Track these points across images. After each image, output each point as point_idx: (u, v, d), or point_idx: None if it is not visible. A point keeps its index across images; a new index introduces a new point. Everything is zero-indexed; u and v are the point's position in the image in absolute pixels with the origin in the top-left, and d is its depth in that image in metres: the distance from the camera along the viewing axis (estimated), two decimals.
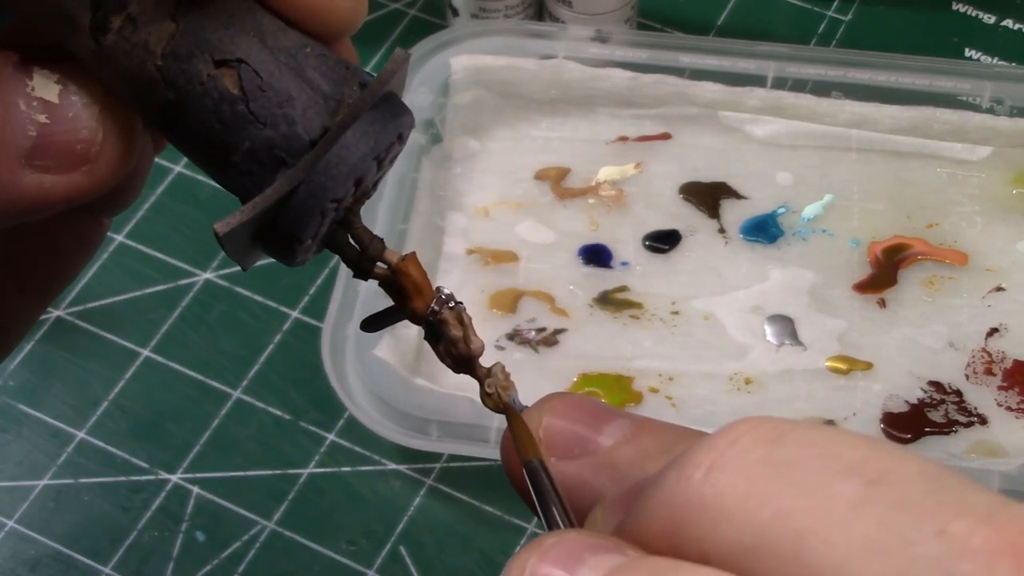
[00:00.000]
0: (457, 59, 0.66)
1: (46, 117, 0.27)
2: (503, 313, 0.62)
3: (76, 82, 0.27)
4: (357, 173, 0.28)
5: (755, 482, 0.21)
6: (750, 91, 0.66)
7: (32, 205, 0.27)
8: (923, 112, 0.65)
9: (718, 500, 0.21)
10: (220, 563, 0.57)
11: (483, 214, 0.65)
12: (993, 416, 0.59)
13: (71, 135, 0.27)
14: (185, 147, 0.28)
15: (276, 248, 0.29)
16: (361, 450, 0.60)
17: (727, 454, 0.22)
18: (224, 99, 0.27)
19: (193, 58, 0.27)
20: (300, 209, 0.28)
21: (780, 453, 0.21)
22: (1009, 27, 0.74)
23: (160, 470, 0.60)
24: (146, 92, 0.27)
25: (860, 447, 0.21)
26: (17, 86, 0.27)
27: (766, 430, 0.22)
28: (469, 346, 0.31)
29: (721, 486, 0.21)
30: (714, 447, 0.22)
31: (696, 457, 0.22)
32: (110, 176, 0.28)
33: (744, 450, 0.22)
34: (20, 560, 0.58)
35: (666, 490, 0.22)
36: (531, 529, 0.58)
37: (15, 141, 0.27)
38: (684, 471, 0.22)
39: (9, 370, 0.63)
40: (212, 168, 0.28)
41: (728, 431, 0.22)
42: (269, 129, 0.28)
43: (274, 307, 0.64)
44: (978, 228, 0.64)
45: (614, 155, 0.67)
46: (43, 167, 0.27)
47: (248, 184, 0.28)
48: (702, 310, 0.62)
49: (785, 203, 0.65)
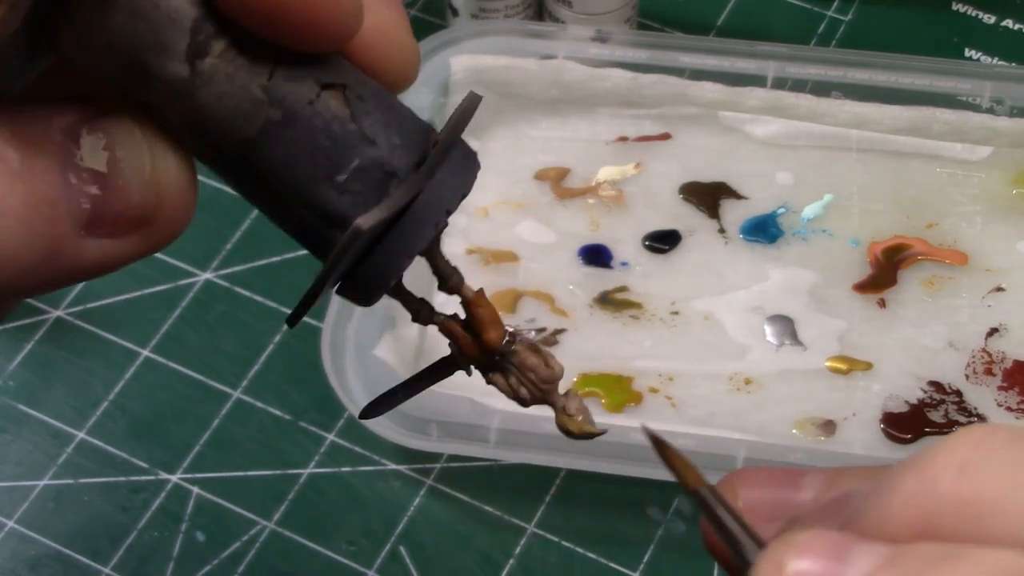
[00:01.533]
0: (457, 59, 0.66)
1: (97, 188, 0.26)
2: (503, 313, 0.61)
3: (124, 146, 0.27)
4: (448, 205, 0.29)
5: (1013, 478, 0.22)
6: (750, 91, 0.66)
7: (96, 269, 0.27)
8: (923, 112, 0.65)
9: (979, 495, 0.22)
10: (220, 563, 0.58)
11: (483, 214, 0.65)
12: (993, 416, 0.59)
13: (124, 203, 0.27)
14: (271, 176, 0.28)
15: (362, 284, 0.29)
16: (361, 450, 0.60)
17: (976, 453, 0.22)
18: (336, 117, 0.28)
19: (302, 80, 0.28)
20: (409, 227, 0.28)
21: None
22: (1009, 27, 0.74)
23: (160, 470, 0.60)
24: (242, 117, 0.27)
25: None
26: (66, 158, 0.26)
27: (1007, 433, 0.23)
28: (553, 370, 0.31)
29: (979, 482, 0.22)
30: (956, 449, 0.23)
31: (938, 458, 0.23)
32: (169, 235, 0.28)
33: (994, 448, 0.22)
34: (20, 560, 0.58)
35: (908, 492, 0.23)
36: (531, 529, 0.58)
37: (71, 216, 0.26)
38: (926, 472, 0.23)
39: (9, 370, 0.63)
40: (302, 195, 0.28)
41: (965, 435, 0.23)
42: (380, 148, 0.28)
43: (274, 307, 0.64)
44: (978, 228, 0.64)
45: (614, 155, 0.67)
46: (103, 234, 0.27)
47: (348, 204, 0.28)
48: (702, 310, 0.62)
49: (785, 203, 0.65)
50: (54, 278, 0.27)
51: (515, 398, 0.31)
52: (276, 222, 0.29)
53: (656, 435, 0.29)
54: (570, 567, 0.57)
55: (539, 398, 0.31)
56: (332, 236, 0.28)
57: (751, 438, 0.56)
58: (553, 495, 0.59)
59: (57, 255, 0.26)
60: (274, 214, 0.29)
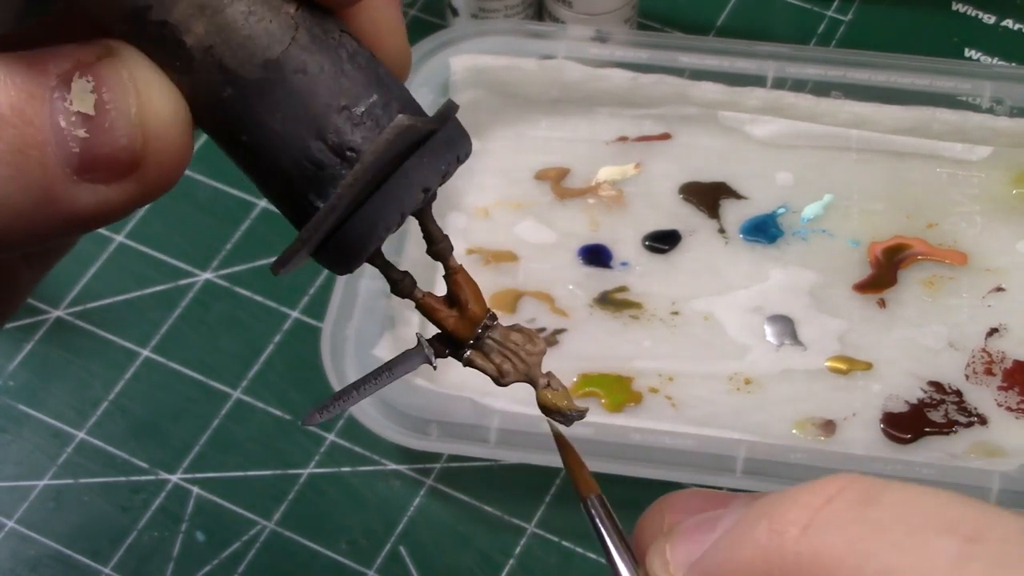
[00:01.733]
0: (457, 59, 0.66)
1: (86, 131, 0.27)
2: (503, 313, 0.62)
3: (111, 87, 0.27)
4: (444, 167, 0.29)
5: (855, 541, 0.22)
6: (750, 91, 0.66)
7: (93, 216, 0.28)
8: (923, 112, 0.65)
9: (817, 558, 0.22)
10: (220, 563, 0.58)
11: (483, 214, 0.65)
12: (993, 416, 0.59)
13: (111, 145, 0.27)
14: (286, 103, 0.28)
15: (339, 250, 0.29)
16: (361, 450, 0.60)
17: (823, 513, 0.22)
18: (359, 53, 0.29)
19: (325, 20, 0.28)
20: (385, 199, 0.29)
21: (876, 512, 0.22)
22: (1009, 27, 0.74)
23: (160, 470, 0.60)
24: (269, 36, 0.28)
25: (955, 505, 0.22)
26: (57, 102, 0.27)
27: (860, 489, 0.22)
28: (536, 343, 0.31)
29: (820, 545, 0.22)
30: (808, 504, 0.22)
31: (789, 513, 0.22)
32: (162, 180, 0.28)
33: (840, 509, 0.22)
34: (20, 560, 0.58)
35: (758, 544, 0.23)
36: (531, 529, 0.58)
37: (61, 159, 0.27)
38: (776, 525, 0.22)
39: (9, 370, 0.63)
40: (316, 123, 0.28)
41: (820, 488, 0.23)
42: (393, 93, 0.29)
43: (274, 307, 0.64)
44: (978, 228, 0.64)
45: (614, 155, 0.67)
46: (95, 179, 0.27)
47: (360, 137, 0.28)
48: (702, 310, 0.62)
49: (785, 203, 0.65)
50: (52, 225, 0.27)
51: (497, 374, 0.31)
52: (269, 168, 0.29)
53: (561, 436, 0.30)
54: (570, 567, 0.57)
55: (522, 373, 0.31)
56: (335, 173, 0.28)
57: (751, 438, 0.56)
58: (553, 495, 0.59)
59: (50, 200, 0.27)
60: (273, 154, 0.28)
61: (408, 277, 0.31)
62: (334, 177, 0.28)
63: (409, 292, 0.31)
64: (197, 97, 0.28)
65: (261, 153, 0.28)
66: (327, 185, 0.28)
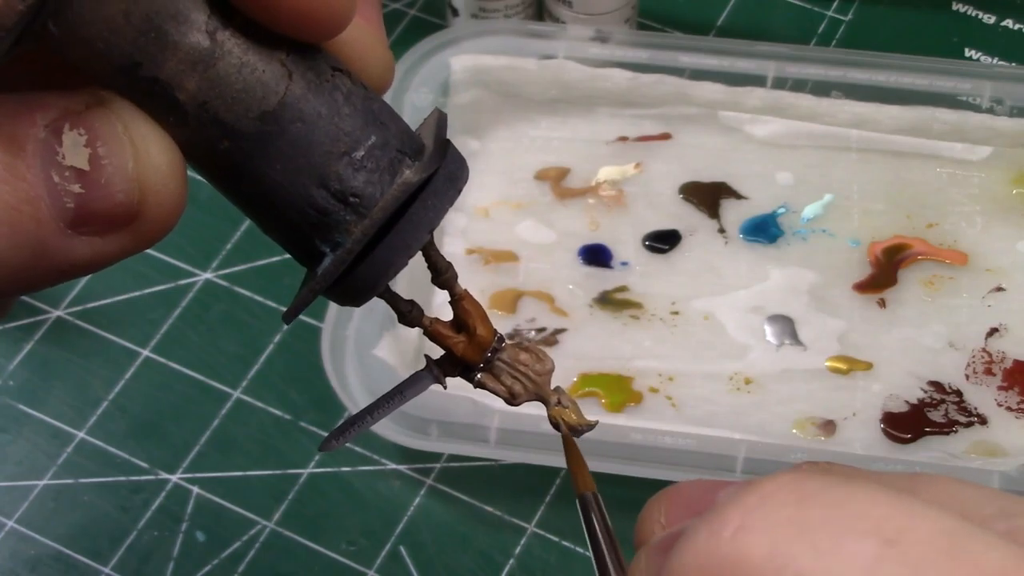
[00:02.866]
0: (457, 59, 0.66)
1: (80, 186, 0.26)
2: (503, 313, 0.62)
3: (106, 142, 0.26)
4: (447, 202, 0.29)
5: (778, 543, 0.21)
6: (750, 91, 0.66)
7: (88, 267, 0.27)
8: (923, 112, 0.65)
9: (743, 560, 0.22)
10: (220, 563, 0.58)
11: (483, 214, 0.65)
12: (993, 416, 0.59)
13: (108, 201, 0.26)
14: (286, 152, 0.28)
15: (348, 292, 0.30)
16: (361, 450, 0.60)
17: (755, 513, 0.22)
18: (354, 93, 0.28)
19: (315, 60, 0.28)
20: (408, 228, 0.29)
21: (805, 513, 0.22)
22: (1009, 27, 0.74)
23: (160, 470, 0.60)
24: (263, 87, 0.27)
25: (882, 504, 0.21)
26: (48, 156, 0.26)
27: (794, 488, 0.22)
28: (545, 362, 0.31)
29: (747, 546, 0.22)
30: (743, 504, 0.22)
31: (726, 513, 0.22)
32: (158, 231, 0.28)
33: (771, 509, 0.22)
34: (20, 560, 0.58)
35: (698, 545, 0.22)
36: (531, 529, 0.58)
37: (55, 215, 0.26)
38: (714, 526, 0.22)
39: (9, 370, 0.63)
40: (317, 171, 0.28)
41: (759, 486, 0.22)
42: (390, 130, 0.28)
43: (274, 307, 0.64)
44: (978, 228, 0.64)
45: (614, 155, 0.67)
46: (90, 232, 0.27)
47: (363, 181, 0.28)
48: (702, 310, 0.62)
49: (785, 203, 0.65)
50: (45, 277, 0.27)
51: (508, 395, 0.31)
52: (272, 215, 0.28)
53: (568, 433, 0.31)
54: (570, 567, 0.57)
55: (532, 392, 0.31)
56: (340, 219, 0.28)
57: (751, 438, 0.56)
58: (553, 495, 0.59)
59: (45, 255, 0.26)
60: (276, 202, 0.28)
61: (416, 307, 0.31)
62: (339, 223, 0.28)
63: (418, 322, 0.31)
64: (194, 148, 0.28)
65: (263, 202, 0.28)
66: (332, 231, 0.28)
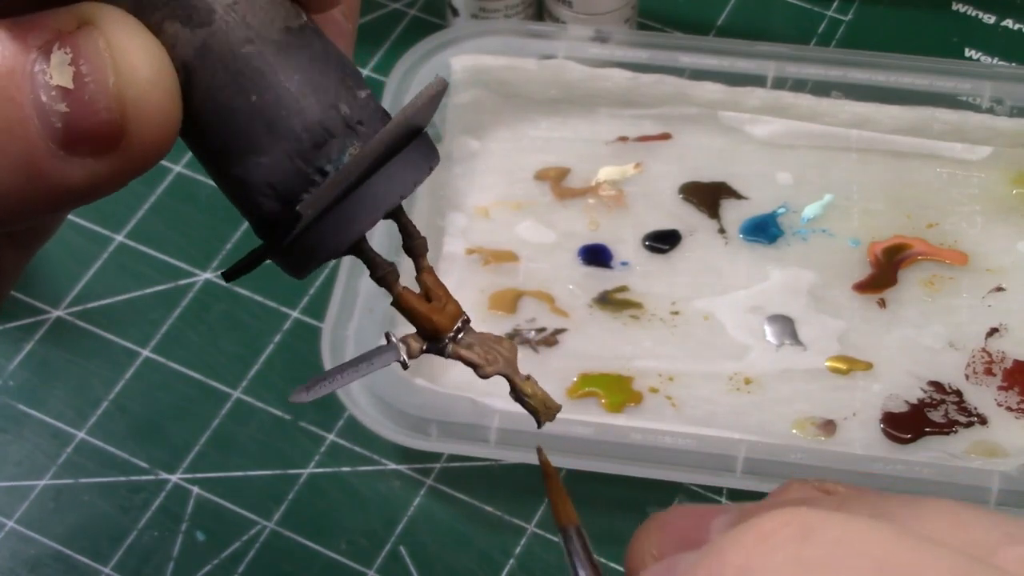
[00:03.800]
0: (457, 59, 0.66)
1: (66, 105, 0.26)
2: (503, 313, 0.62)
3: (88, 59, 0.27)
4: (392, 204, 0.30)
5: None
6: (750, 91, 0.66)
7: (86, 190, 0.27)
8: (923, 112, 0.65)
9: None
10: (220, 563, 0.58)
11: (483, 214, 0.65)
12: (993, 416, 0.59)
13: (92, 119, 0.27)
14: (304, 68, 0.28)
15: (294, 259, 0.30)
16: (361, 450, 0.60)
17: (756, 552, 0.22)
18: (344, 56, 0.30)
19: None
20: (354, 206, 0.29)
21: (808, 552, 0.22)
22: (1009, 27, 0.74)
23: (160, 470, 0.60)
24: (285, 10, 0.28)
25: (888, 542, 0.21)
26: (38, 78, 0.26)
27: (796, 526, 0.22)
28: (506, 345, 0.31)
29: None
30: (742, 544, 0.22)
31: (728, 554, 0.22)
32: (149, 151, 0.28)
33: (773, 549, 0.22)
34: (20, 560, 0.58)
35: None
36: (531, 529, 0.58)
37: (45, 135, 0.26)
38: (713, 569, 0.22)
39: (9, 370, 0.63)
40: (329, 94, 0.28)
41: (757, 524, 0.22)
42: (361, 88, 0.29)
43: (274, 307, 0.64)
44: (978, 228, 0.64)
45: (614, 155, 0.67)
46: (82, 153, 0.27)
47: (365, 115, 0.29)
48: (702, 310, 0.62)
49: (785, 203, 0.65)
50: (43, 201, 0.27)
51: (483, 362, 0.32)
52: (271, 128, 0.28)
53: (548, 464, 0.31)
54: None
55: (505, 364, 0.32)
56: (343, 144, 0.28)
57: (751, 438, 0.56)
58: None
59: (39, 176, 0.27)
60: (284, 114, 0.28)
61: (394, 271, 0.31)
62: (343, 147, 0.28)
63: (390, 284, 0.31)
64: (208, 52, 0.28)
65: (271, 114, 0.28)
66: (333, 152, 0.28)
